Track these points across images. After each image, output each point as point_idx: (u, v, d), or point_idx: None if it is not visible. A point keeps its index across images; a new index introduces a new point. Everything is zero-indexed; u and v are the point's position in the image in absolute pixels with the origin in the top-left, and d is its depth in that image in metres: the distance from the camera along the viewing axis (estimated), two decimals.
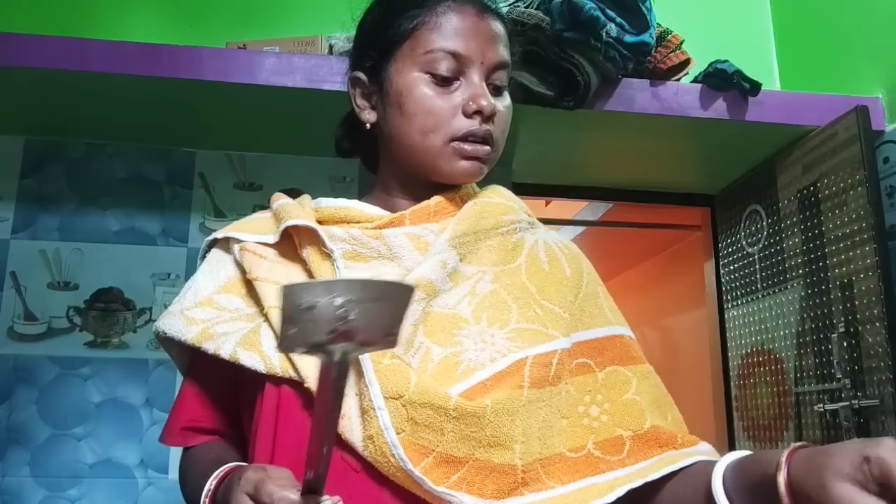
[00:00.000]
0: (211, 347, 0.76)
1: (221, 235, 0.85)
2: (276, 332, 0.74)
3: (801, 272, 1.90)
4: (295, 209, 0.81)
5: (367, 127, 0.85)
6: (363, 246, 0.78)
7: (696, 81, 1.84)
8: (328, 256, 0.77)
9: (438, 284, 0.75)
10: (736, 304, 2.19)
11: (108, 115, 1.81)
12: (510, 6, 1.65)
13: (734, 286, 2.20)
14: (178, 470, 0.84)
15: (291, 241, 0.80)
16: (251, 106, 1.74)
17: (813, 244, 1.86)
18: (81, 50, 1.57)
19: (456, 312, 0.75)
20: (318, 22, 1.86)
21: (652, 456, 0.74)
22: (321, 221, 0.80)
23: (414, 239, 0.79)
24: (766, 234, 2.06)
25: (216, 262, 0.85)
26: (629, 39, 1.64)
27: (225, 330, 0.77)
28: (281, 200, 0.84)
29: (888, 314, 1.60)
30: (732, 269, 2.21)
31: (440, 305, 0.75)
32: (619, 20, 1.63)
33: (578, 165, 2.21)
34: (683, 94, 1.80)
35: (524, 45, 1.58)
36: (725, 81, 1.79)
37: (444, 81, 0.79)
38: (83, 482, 1.75)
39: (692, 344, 2.95)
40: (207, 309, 0.80)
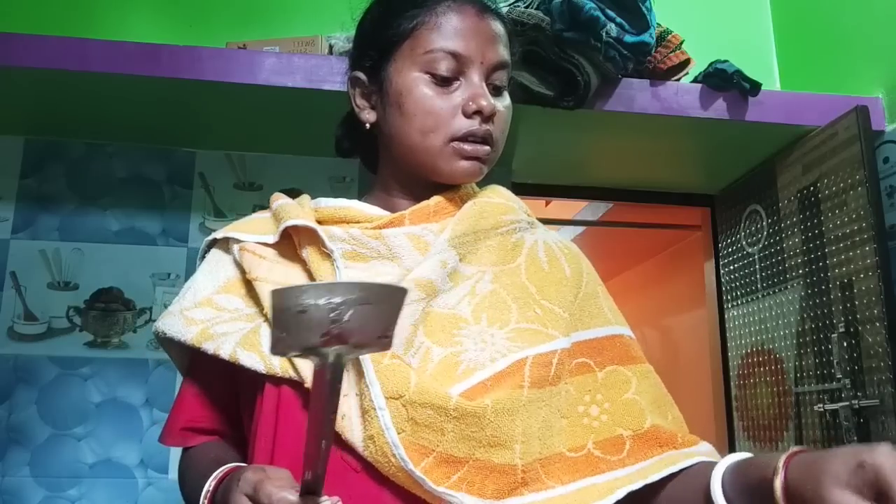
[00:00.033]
0: (210, 348, 0.76)
1: (221, 235, 0.85)
2: None
3: (801, 272, 1.90)
4: (294, 209, 0.81)
5: (366, 127, 0.85)
6: (363, 246, 0.78)
7: (696, 81, 1.84)
8: (328, 256, 0.77)
9: (438, 284, 0.75)
10: (736, 304, 2.19)
11: (108, 115, 1.81)
12: (510, 6, 1.65)
13: (734, 286, 2.20)
14: (177, 470, 0.84)
15: (291, 241, 0.80)
16: (251, 106, 1.74)
17: (813, 244, 1.86)
18: (81, 50, 1.57)
19: (456, 312, 0.75)
20: (318, 22, 1.86)
21: (652, 456, 0.74)
22: (321, 221, 0.80)
23: (414, 239, 0.79)
24: (766, 234, 2.06)
25: (215, 262, 0.85)
26: (629, 39, 1.64)
27: (224, 330, 0.77)
28: (280, 200, 0.84)
29: (888, 314, 1.60)
30: (732, 269, 2.21)
31: (440, 305, 0.75)
32: (619, 20, 1.63)
33: (578, 165, 2.21)
34: (683, 94, 1.80)
35: (524, 45, 1.58)
36: (725, 81, 1.79)
37: (443, 81, 0.79)
38: (83, 482, 1.75)
39: (692, 344, 2.95)
40: (207, 309, 0.80)
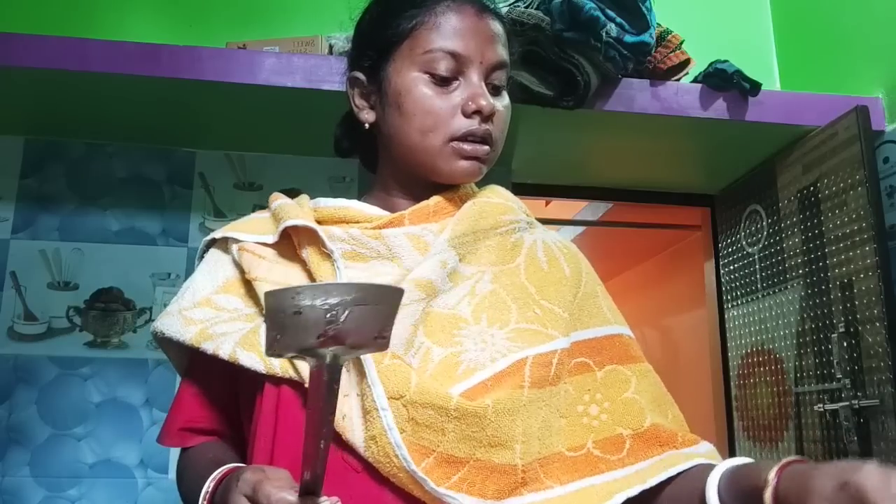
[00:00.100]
0: (210, 348, 0.75)
1: (220, 235, 0.85)
2: None
3: (801, 272, 1.90)
4: (294, 209, 0.81)
5: (365, 127, 0.85)
6: (363, 246, 0.78)
7: (696, 81, 1.84)
8: (328, 257, 0.77)
9: (438, 284, 0.75)
10: (736, 304, 2.19)
11: (108, 115, 1.81)
12: (510, 6, 1.65)
13: (734, 286, 2.20)
14: (175, 470, 0.84)
15: (290, 241, 0.80)
16: (251, 106, 1.74)
17: (813, 244, 1.86)
18: (81, 50, 1.57)
19: (456, 312, 0.75)
20: (317, 22, 1.86)
21: (652, 455, 0.74)
22: (320, 221, 0.80)
23: (413, 239, 0.79)
24: (766, 234, 2.06)
25: (214, 262, 0.85)
26: (629, 39, 1.64)
27: (224, 330, 0.77)
28: (280, 200, 0.84)
29: (888, 314, 1.60)
30: (732, 269, 2.21)
31: (440, 305, 0.75)
32: (619, 20, 1.63)
33: (578, 165, 2.21)
34: (683, 94, 1.80)
35: (524, 45, 1.58)
36: (725, 81, 1.79)
37: (443, 81, 0.79)
38: (83, 482, 1.75)
39: (692, 344, 2.95)
40: (206, 309, 0.80)
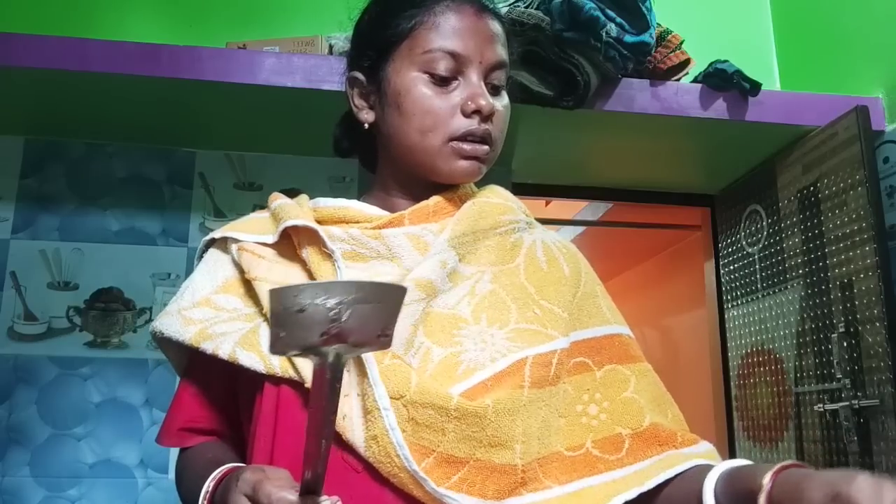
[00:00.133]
0: (209, 347, 0.75)
1: (219, 235, 0.85)
2: None
3: (801, 272, 1.90)
4: (294, 209, 0.81)
5: (365, 127, 0.85)
6: (362, 246, 0.78)
7: (696, 81, 1.84)
8: (328, 257, 0.77)
9: (438, 284, 0.75)
10: (736, 304, 2.19)
11: (108, 115, 1.81)
12: (510, 6, 1.65)
13: (734, 286, 2.20)
14: (174, 470, 0.84)
15: (290, 241, 0.80)
16: (251, 106, 1.74)
17: (813, 244, 1.86)
18: (81, 50, 1.57)
19: (455, 312, 0.75)
20: (317, 22, 1.86)
21: (651, 455, 0.74)
22: (319, 221, 0.80)
23: (413, 239, 0.79)
24: (766, 234, 2.06)
25: (214, 262, 0.85)
26: (629, 39, 1.64)
27: (223, 330, 0.77)
28: (279, 200, 0.84)
29: (888, 314, 1.60)
30: (732, 269, 2.21)
31: (440, 305, 0.75)
32: (619, 20, 1.63)
33: (578, 165, 2.21)
34: (683, 94, 1.80)
35: (524, 44, 1.58)
36: (725, 81, 1.79)
37: (442, 81, 0.79)
38: (83, 482, 1.75)
39: (692, 344, 2.95)
40: (205, 309, 0.80)
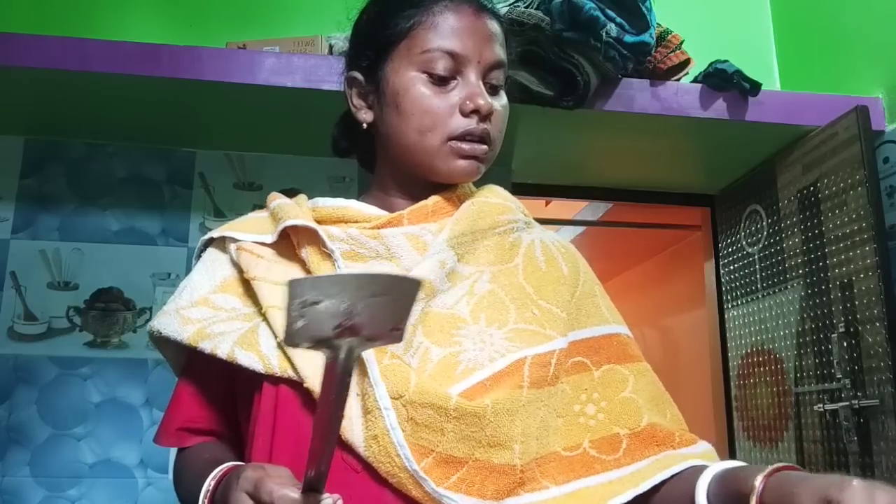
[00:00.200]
0: (208, 347, 0.75)
1: (217, 235, 0.85)
2: (274, 331, 0.74)
3: (801, 272, 1.89)
4: (293, 209, 0.81)
5: (363, 126, 0.85)
6: (361, 246, 0.78)
7: (696, 81, 1.84)
8: (328, 256, 0.77)
9: (437, 284, 0.75)
10: (736, 304, 2.19)
11: (108, 115, 1.81)
12: (510, 6, 1.65)
13: (734, 286, 2.20)
14: (172, 471, 0.84)
15: (289, 240, 0.80)
16: (251, 106, 1.74)
17: (813, 244, 1.86)
18: (81, 50, 1.57)
19: (454, 312, 0.75)
20: (317, 22, 1.86)
21: (649, 456, 0.74)
22: (318, 221, 0.80)
23: (412, 239, 0.79)
24: (766, 234, 2.06)
25: (212, 261, 0.85)
26: (629, 39, 1.64)
27: (222, 329, 0.77)
28: (278, 200, 0.84)
29: (888, 314, 1.60)
30: (732, 269, 2.21)
31: (438, 305, 0.75)
32: (619, 20, 1.63)
33: (578, 165, 2.21)
34: (683, 94, 1.80)
35: (524, 44, 1.58)
36: (725, 81, 1.79)
37: (440, 81, 0.79)
38: (83, 482, 1.75)
39: (692, 344, 2.95)
40: (204, 308, 0.80)
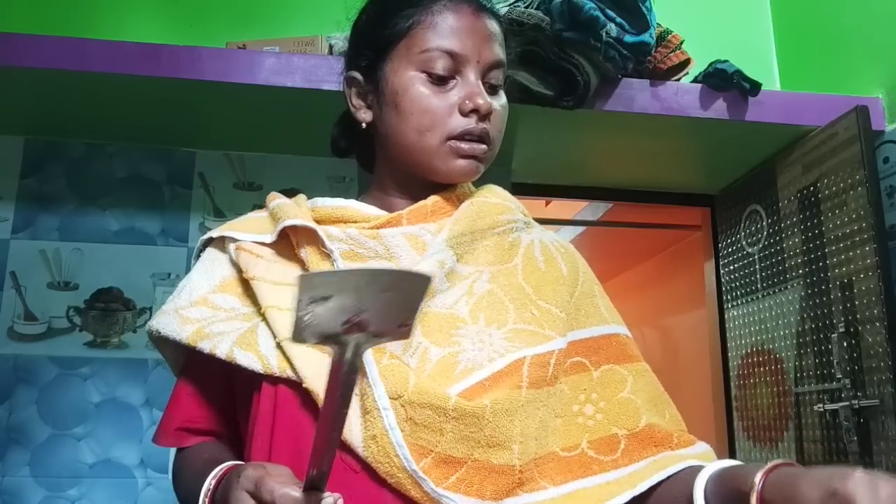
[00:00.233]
0: (207, 347, 0.75)
1: (217, 234, 0.85)
2: (273, 331, 0.74)
3: (801, 272, 1.89)
4: (292, 209, 0.81)
5: (362, 126, 0.85)
6: (360, 246, 0.78)
7: (696, 81, 1.84)
8: (327, 256, 0.76)
9: (436, 284, 0.75)
10: (736, 304, 2.19)
11: (108, 115, 1.81)
12: (510, 6, 1.65)
13: (734, 286, 2.20)
14: (171, 471, 0.84)
15: (289, 240, 0.80)
16: (251, 106, 1.74)
17: (813, 244, 1.86)
18: (81, 50, 1.57)
19: (453, 312, 0.75)
20: (317, 22, 1.86)
21: (647, 456, 0.74)
22: (318, 221, 0.80)
23: (411, 239, 0.79)
24: (766, 234, 2.06)
25: (211, 261, 0.85)
26: (629, 39, 1.64)
27: (221, 329, 0.77)
28: (278, 200, 0.84)
29: (888, 314, 1.59)
30: (732, 269, 2.21)
31: (438, 305, 0.75)
32: (619, 20, 1.63)
33: (578, 165, 2.21)
34: (683, 94, 1.80)
35: (524, 44, 1.58)
36: (725, 81, 1.79)
37: (440, 80, 0.79)
38: (83, 482, 1.75)
39: (692, 344, 2.95)
40: (203, 308, 0.80)
